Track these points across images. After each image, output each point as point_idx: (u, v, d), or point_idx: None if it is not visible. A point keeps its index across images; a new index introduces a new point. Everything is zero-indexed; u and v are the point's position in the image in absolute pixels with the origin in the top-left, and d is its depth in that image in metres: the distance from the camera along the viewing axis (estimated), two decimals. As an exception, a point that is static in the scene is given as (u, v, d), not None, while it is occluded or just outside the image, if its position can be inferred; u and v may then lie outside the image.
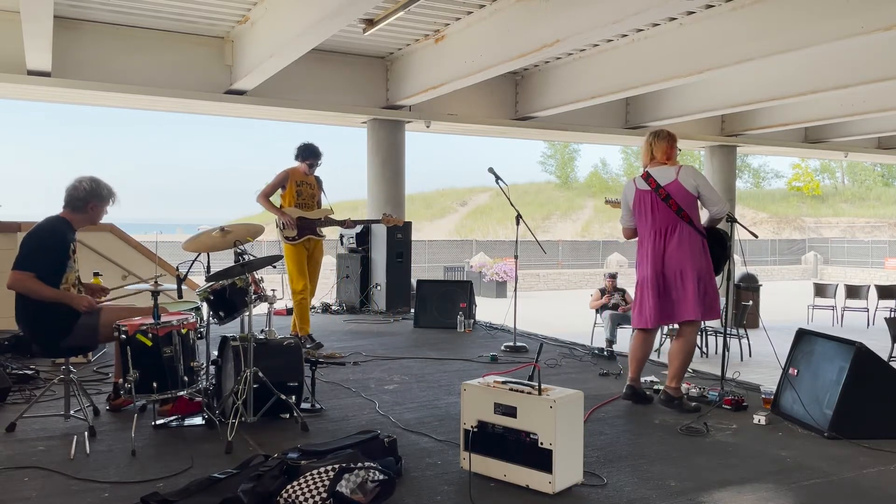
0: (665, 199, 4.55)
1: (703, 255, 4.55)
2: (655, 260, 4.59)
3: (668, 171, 4.60)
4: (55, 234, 4.10)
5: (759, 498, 3.17)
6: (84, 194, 4.17)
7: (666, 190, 4.55)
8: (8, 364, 5.27)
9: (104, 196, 4.25)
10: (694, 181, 4.54)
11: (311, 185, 6.70)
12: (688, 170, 4.59)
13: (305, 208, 6.60)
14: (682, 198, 4.53)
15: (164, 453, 3.67)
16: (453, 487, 3.23)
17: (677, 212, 4.52)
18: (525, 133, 12.68)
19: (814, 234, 40.41)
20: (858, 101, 10.81)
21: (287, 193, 6.62)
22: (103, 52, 8.30)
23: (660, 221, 4.59)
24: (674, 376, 4.63)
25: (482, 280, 23.42)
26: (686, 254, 4.50)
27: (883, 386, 4.02)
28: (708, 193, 4.57)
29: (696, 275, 4.49)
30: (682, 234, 4.53)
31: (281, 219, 6.49)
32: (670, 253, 4.54)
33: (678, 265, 4.52)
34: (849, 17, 6.42)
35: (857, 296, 16.57)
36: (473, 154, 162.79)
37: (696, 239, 4.53)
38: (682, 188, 4.53)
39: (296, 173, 6.66)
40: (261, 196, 6.60)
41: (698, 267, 4.50)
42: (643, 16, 6.12)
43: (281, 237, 6.55)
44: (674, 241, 4.54)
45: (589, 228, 42.01)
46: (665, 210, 4.56)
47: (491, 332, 7.93)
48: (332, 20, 6.22)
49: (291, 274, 6.54)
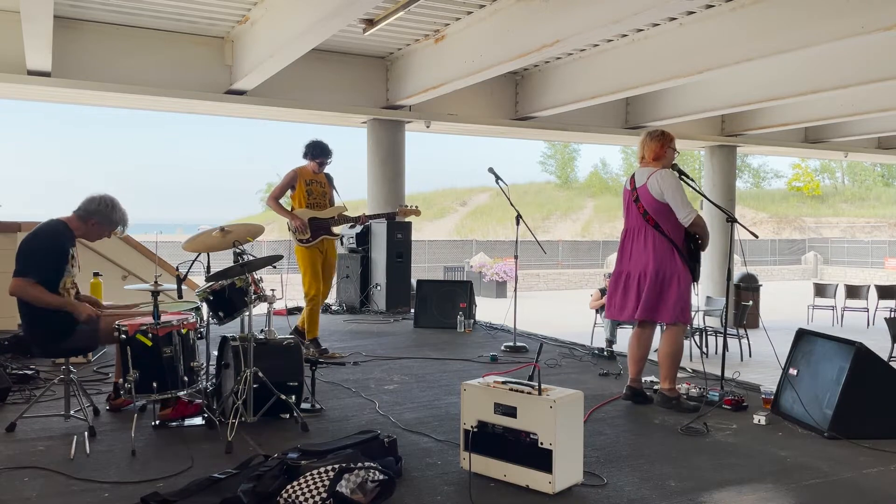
0: (636, 201, 4.61)
1: (671, 259, 4.51)
2: (624, 257, 4.71)
3: (645, 174, 4.60)
4: (55, 237, 4.09)
5: (759, 498, 3.17)
6: (95, 208, 4.13)
7: (637, 192, 4.60)
8: (8, 364, 5.27)
9: (112, 220, 4.19)
10: (659, 187, 4.50)
11: (321, 184, 6.45)
12: (658, 175, 4.54)
13: (317, 208, 6.34)
14: (648, 202, 4.55)
15: (164, 453, 3.67)
16: (453, 487, 3.23)
17: (643, 215, 4.56)
18: (525, 133, 12.69)
19: (814, 234, 40.41)
20: (858, 101, 10.82)
21: (297, 194, 6.35)
22: (103, 52, 8.30)
23: (631, 221, 4.70)
24: (665, 377, 4.66)
25: (482, 280, 23.42)
26: (650, 256, 4.53)
27: (883, 386, 4.02)
28: (672, 200, 4.50)
29: (657, 277, 4.51)
30: (646, 236, 4.57)
31: (292, 223, 6.26)
32: (636, 253, 4.62)
33: (643, 266, 4.57)
34: (849, 17, 6.42)
35: (857, 296, 16.58)
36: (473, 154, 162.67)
37: (661, 243, 4.52)
38: (648, 193, 4.54)
39: (304, 172, 6.38)
40: (270, 199, 6.43)
41: (660, 269, 4.51)
42: (643, 16, 6.12)
43: (294, 240, 6.30)
44: (640, 242, 4.60)
45: (589, 228, 42.02)
46: (635, 212, 4.62)
47: (491, 332, 7.93)
48: (331, 20, 6.22)
49: (305, 278, 6.27)
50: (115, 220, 4.22)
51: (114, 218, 4.20)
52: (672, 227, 4.55)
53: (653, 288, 4.52)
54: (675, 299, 4.53)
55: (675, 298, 4.53)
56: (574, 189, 49.55)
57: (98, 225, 4.19)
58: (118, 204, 4.22)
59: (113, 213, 4.19)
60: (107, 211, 4.17)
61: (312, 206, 6.35)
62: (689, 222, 4.52)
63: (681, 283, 4.53)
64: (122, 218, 4.24)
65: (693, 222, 4.52)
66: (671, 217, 4.53)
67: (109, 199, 4.19)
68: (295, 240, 6.30)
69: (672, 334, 4.66)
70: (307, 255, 6.28)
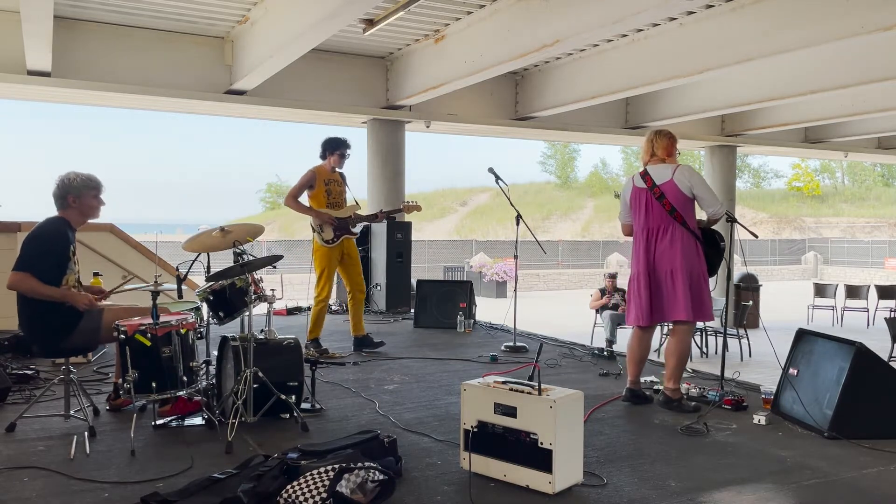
0: (659, 199, 4.52)
1: (696, 257, 4.51)
2: (647, 258, 4.59)
3: (665, 170, 4.56)
4: (55, 235, 4.09)
5: (759, 498, 3.17)
6: (60, 191, 4.13)
7: (661, 189, 4.51)
8: (8, 364, 5.27)
9: (78, 186, 4.15)
10: (689, 182, 4.49)
11: (338, 183, 6.40)
12: (684, 169, 4.54)
13: (336, 207, 6.31)
14: (675, 198, 4.49)
15: (164, 453, 3.67)
16: (453, 487, 3.23)
17: (670, 212, 4.49)
18: (525, 133, 12.69)
19: (814, 234, 40.39)
20: (858, 101, 10.82)
21: (316, 194, 6.28)
22: (103, 52, 8.30)
23: (653, 220, 4.58)
24: (670, 377, 4.62)
25: (482, 280, 23.41)
26: (677, 254, 4.48)
27: (883, 386, 4.02)
28: (703, 194, 4.51)
29: (687, 275, 4.46)
30: (674, 234, 4.50)
31: (316, 220, 6.20)
32: (661, 252, 4.53)
33: (669, 265, 4.50)
34: (849, 17, 6.42)
35: (857, 296, 16.57)
36: (473, 154, 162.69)
37: (688, 240, 4.50)
38: (677, 188, 4.49)
39: (322, 172, 6.32)
40: (288, 198, 6.32)
41: (689, 267, 4.48)
42: (643, 16, 6.12)
43: (319, 240, 6.23)
44: (665, 240, 4.52)
45: (589, 228, 42.00)
46: (659, 209, 4.53)
47: (491, 332, 7.93)
48: (331, 20, 6.22)
49: (321, 279, 6.22)
50: (86, 185, 4.16)
51: (77, 184, 4.15)
52: (693, 223, 4.54)
53: (689, 288, 4.46)
54: (708, 297, 4.56)
55: (708, 296, 4.55)
56: (574, 189, 49.54)
57: (78, 199, 4.15)
58: (74, 172, 4.18)
59: (77, 180, 4.15)
60: (72, 183, 4.14)
61: (332, 205, 6.32)
62: (722, 213, 4.54)
63: (706, 281, 4.55)
64: (89, 178, 4.20)
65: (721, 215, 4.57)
66: (692, 213, 4.53)
67: (65, 174, 4.17)
68: (321, 240, 6.23)
69: (683, 333, 4.64)
70: (327, 255, 6.24)
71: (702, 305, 4.52)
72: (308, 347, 6.21)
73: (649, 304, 4.58)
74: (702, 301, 4.52)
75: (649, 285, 4.57)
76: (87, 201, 4.20)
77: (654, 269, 4.56)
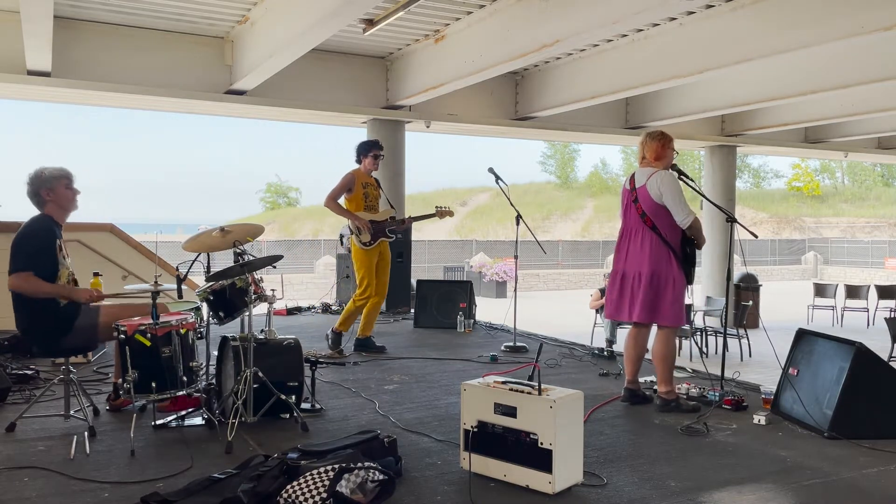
0: (635, 202, 4.60)
1: (667, 263, 4.51)
2: (621, 257, 4.70)
3: (645, 174, 4.59)
4: (45, 232, 4.07)
5: (759, 498, 3.17)
6: (32, 187, 4.12)
7: (636, 193, 4.58)
8: (8, 364, 5.27)
9: (48, 178, 4.12)
10: (658, 189, 4.49)
11: (374, 187, 6.51)
12: (658, 176, 4.53)
13: (373, 210, 6.43)
14: (646, 203, 4.53)
15: (164, 453, 3.67)
16: (453, 487, 3.23)
17: (641, 216, 4.55)
18: (525, 133, 12.68)
19: (814, 234, 40.38)
20: (858, 101, 10.81)
21: (355, 197, 6.37)
22: (103, 52, 8.30)
23: (629, 222, 4.68)
24: (661, 381, 4.64)
25: (482, 280, 23.41)
26: (646, 258, 4.53)
27: (883, 386, 4.02)
28: (671, 203, 4.49)
29: (651, 278, 4.50)
30: (643, 237, 4.56)
31: (354, 223, 6.28)
32: (633, 254, 4.61)
33: (638, 267, 4.57)
34: (849, 17, 6.42)
35: (857, 296, 16.57)
36: (473, 154, 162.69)
37: (658, 245, 4.51)
38: (647, 194, 4.53)
39: (360, 175, 6.42)
40: (328, 200, 6.35)
41: (655, 271, 4.50)
42: (643, 16, 6.12)
43: (357, 242, 6.29)
44: (637, 243, 4.60)
45: (589, 228, 41.99)
46: (634, 212, 4.61)
47: (491, 332, 7.93)
48: (331, 20, 6.22)
49: (364, 279, 6.31)
50: (55, 176, 4.14)
51: (51, 175, 4.13)
52: (669, 229, 4.53)
53: (648, 291, 4.51)
54: (671, 302, 4.52)
55: (671, 301, 4.52)
56: (574, 189, 49.51)
57: (52, 191, 4.13)
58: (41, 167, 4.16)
59: (45, 173, 4.13)
60: (41, 177, 4.12)
61: (369, 209, 6.43)
62: (687, 225, 4.50)
63: (676, 287, 4.52)
64: (57, 169, 4.18)
65: (690, 225, 4.50)
66: (669, 219, 4.52)
67: (32, 172, 4.16)
68: (359, 242, 6.30)
69: (665, 336, 4.65)
70: (366, 257, 6.33)
71: (660, 309, 4.53)
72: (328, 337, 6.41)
73: (616, 301, 4.70)
74: (661, 305, 4.52)
75: (621, 284, 4.67)
76: (61, 192, 4.17)
77: (626, 269, 4.65)
